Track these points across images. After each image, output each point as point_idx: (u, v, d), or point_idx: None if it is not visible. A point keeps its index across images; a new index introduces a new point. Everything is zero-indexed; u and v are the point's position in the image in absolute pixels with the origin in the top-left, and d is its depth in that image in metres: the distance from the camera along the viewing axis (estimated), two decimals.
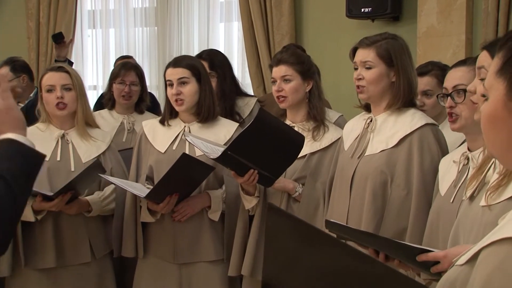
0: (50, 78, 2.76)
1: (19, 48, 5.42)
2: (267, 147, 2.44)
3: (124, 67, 3.50)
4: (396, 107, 2.31)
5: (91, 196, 2.78)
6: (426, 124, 2.26)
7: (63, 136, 2.79)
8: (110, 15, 5.65)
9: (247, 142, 2.39)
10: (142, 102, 3.54)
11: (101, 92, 4.66)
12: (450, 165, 2.02)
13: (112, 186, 2.82)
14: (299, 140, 2.47)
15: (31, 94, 4.10)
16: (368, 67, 2.30)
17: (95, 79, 5.73)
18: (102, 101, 3.66)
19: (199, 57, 3.31)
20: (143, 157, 2.85)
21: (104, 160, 2.82)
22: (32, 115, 2.89)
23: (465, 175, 1.92)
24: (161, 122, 2.85)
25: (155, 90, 5.23)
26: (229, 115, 3.15)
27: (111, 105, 3.51)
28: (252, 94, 3.74)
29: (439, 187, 2.04)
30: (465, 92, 1.93)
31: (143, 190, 2.64)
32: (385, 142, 2.30)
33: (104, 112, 3.53)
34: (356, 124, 2.46)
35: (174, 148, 2.77)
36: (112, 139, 3.30)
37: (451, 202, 1.92)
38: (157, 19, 5.46)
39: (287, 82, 2.63)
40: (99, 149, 2.84)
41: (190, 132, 2.76)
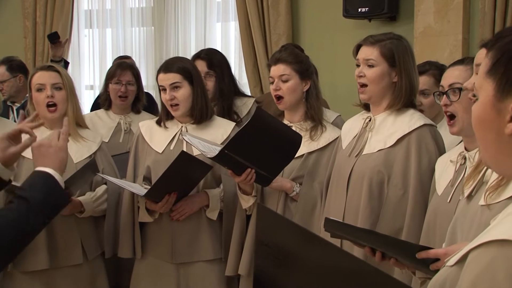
0: (40, 77, 2.73)
1: (16, 48, 5.42)
2: (264, 146, 2.43)
3: (120, 67, 3.48)
4: (397, 108, 2.31)
5: (83, 197, 2.74)
6: (425, 125, 2.26)
7: None
8: (107, 15, 5.65)
9: (244, 141, 2.39)
10: (139, 102, 3.53)
11: (98, 92, 4.66)
12: (447, 165, 2.02)
13: (104, 187, 2.79)
14: (296, 139, 2.47)
15: (27, 94, 4.09)
16: (370, 65, 2.30)
17: (92, 79, 5.73)
18: (99, 102, 3.66)
19: (197, 56, 3.31)
20: (140, 158, 2.83)
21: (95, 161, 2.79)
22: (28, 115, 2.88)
23: (462, 174, 1.92)
24: (158, 123, 2.85)
25: (152, 90, 5.22)
26: (227, 114, 3.15)
27: (108, 106, 3.50)
28: (250, 95, 3.74)
29: (436, 187, 2.04)
30: (461, 91, 1.94)
31: (141, 190, 2.63)
32: (383, 141, 2.30)
33: (100, 112, 3.52)
34: (355, 123, 2.46)
35: (172, 148, 2.77)
36: (109, 140, 3.30)
37: (448, 201, 1.93)
38: (154, 19, 5.46)
39: (285, 81, 2.63)
40: (90, 149, 2.81)
41: (187, 132, 2.76)
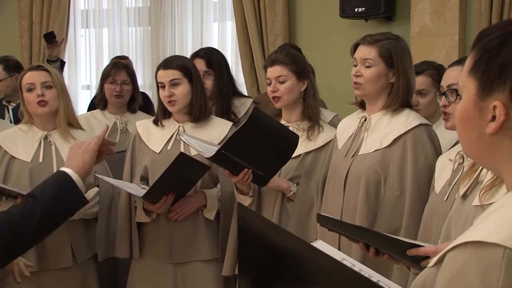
0: (30, 77, 2.71)
1: (12, 48, 5.40)
2: (261, 146, 2.43)
3: (115, 67, 3.47)
4: (393, 109, 2.31)
5: None
6: (420, 125, 2.26)
7: (46, 138, 2.73)
8: (104, 15, 5.64)
9: (241, 141, 2.39)
10: (134, 102, 3.51)
11: (94, 92, 4.64)
12: (446, 164, 2.03)
13: (96, 189, 2.75)
14: (293, 139, 2.47)
15: None
16: (368, 65, 2.29)
17: (89, 79, 5.71)
18: (95, 102, 3.65)
19: (196, 55, 3.31)
20: (137, 158, 2.82)
21: None
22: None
23: (460, 174, 1.93)
24: (155, 122, 2.84)
25: (148, 89, 5.22)
26: (225, 114, 3.14)
27: (103, 106, 3.49)
28: (248, 95, 3.74)
29: (434, 185, 2.05)
30: (458, 92, 1.94)
31: (139, 190, 2.62)
32: (379, 141, 2.30)
33: (96, 112, 3.51)
34: (350, 122, 2.46)
35: (169, 148, 2.76)
36: None
37: (444, 200, 1.93)
38: (151, 18, 5.45)
39: (282, 82, 2.63)
40: None
41: (184, 131, 2.75)
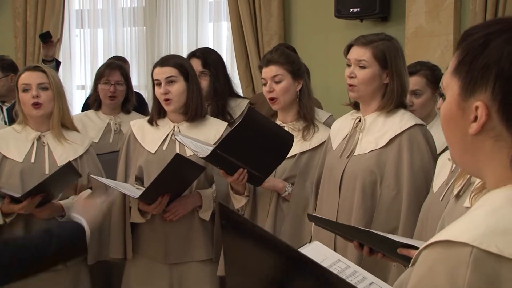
0: (26, 78, 2.69)
1: (6, 48, 5.38)
2: (256, 146, 2.43)
3: (109, 67, 3.45)
4: (388, 110, 2.31)
5: (65, 200, 2.67)
6: (416, 125, 2.27)
7: (39, 138, 2.71)
8: (98, 15, 5.62)
9: (236, 141, 2.38)
10: (128, 102, 3.49)
11: (89, 92, 4.63)
12: (445, 163, 2.03)
13: (88, 191, 2.72)
14: (288, 139, 2.47)
15: None
16: (362, 66, 2.28)
17: (83, 79, 5.70)
18: (88, 102, 3.63)
19: (192, 54, 3.30)
20: (132, 158, 2.82)
21: (81, 164, 2.74)
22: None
23: (457, 174, 1.93)
24: (150, 122, 2.83)
25: (143, 90, 5.22)
26: (221, 114, 3.14)
27: (97, 106, 3.46)
28: (244, 96, 3.73)
29: (433, 184, 2.05)
30: None
31: (134, 191, 2.61)
32: (375, 142, 2.30)
33: (90, 113, 3.48)
34: (344, 123, 2.45)
35: (164, 148, 2.76)
36: (99, 140, 3.26)
37: (440, 200, 1.93)
38: (146, 19, 5.44)
39: (278, 82, 2.63)
40: (76, 152, 2.75)
41: (179, 131, 2.75)
